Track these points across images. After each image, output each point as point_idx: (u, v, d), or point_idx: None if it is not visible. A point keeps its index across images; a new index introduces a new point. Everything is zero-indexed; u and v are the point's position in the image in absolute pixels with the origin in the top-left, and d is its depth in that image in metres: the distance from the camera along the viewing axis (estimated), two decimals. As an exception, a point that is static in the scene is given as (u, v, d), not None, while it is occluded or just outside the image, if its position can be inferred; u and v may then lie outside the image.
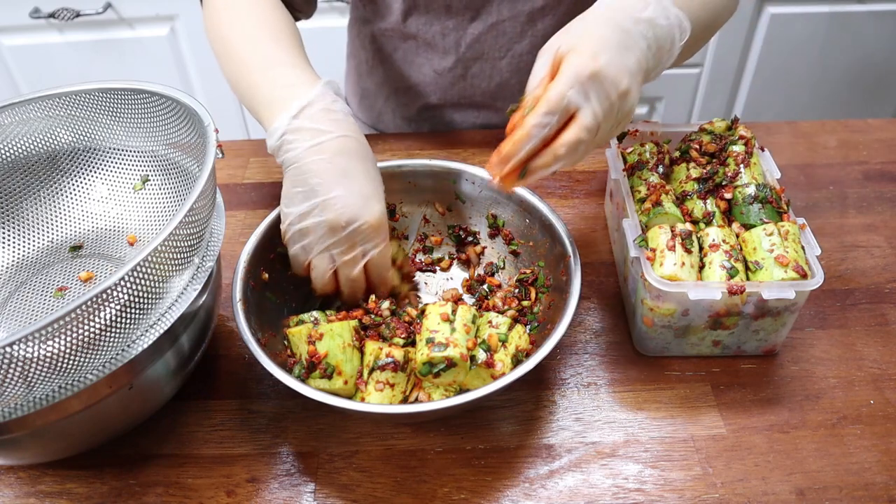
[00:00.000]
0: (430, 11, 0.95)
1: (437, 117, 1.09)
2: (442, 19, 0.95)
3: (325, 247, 0.68)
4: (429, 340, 0.63)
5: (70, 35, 1.67)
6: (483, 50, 0.98)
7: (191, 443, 0.68)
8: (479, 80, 1.02)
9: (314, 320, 0.69)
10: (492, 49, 0.98)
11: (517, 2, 0.93)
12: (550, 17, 0.95)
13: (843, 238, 0.87)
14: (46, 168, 0.79)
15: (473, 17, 0.95)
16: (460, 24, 0.95)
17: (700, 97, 1.84)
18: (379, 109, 1.12)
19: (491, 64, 1.00)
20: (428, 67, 1.02)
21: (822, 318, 0.78)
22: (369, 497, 0.64)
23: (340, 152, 0.66)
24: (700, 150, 0.80)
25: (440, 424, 0.69)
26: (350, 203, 0.65)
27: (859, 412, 0.69)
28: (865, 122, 1.05)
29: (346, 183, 0.66)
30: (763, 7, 1.67)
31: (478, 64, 1.00)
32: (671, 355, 0.74)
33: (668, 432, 0.68)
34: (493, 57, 0.99)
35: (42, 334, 0.48)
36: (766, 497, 0.63)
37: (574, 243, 0.70)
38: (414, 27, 0.98)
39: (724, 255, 0.68)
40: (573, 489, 0.64)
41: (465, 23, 0.95)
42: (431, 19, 0.95)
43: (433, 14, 0.95)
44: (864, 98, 1.87)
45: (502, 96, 1.04)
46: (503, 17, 0.95)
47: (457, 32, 0.96)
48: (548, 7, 0.94)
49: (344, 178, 0.66)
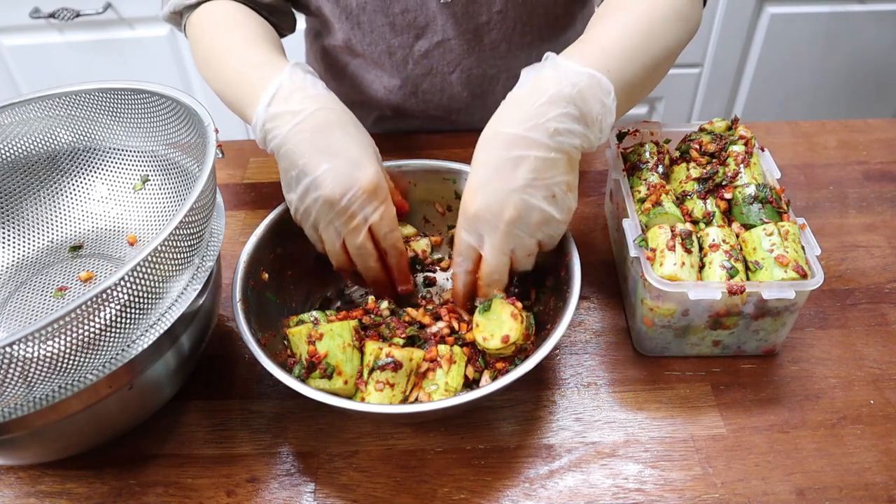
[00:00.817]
0: (374, 30, 0.94)
1: (390, 128, 1.09)
2: (387, 37, 0.94)
3: (328, 221, 0.68)
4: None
5: (70, 35, 1.67)
6: (432, 65, 0.97)
7: (191, 443, 0.68)
8: (431, 95, 1.01)
9: (314, 320, 0.69)
10: (440, 64, 0.97)
11: (461, 20, 0.92)
12: (497, 31, 0.94)
13: (843, 238, 0.87)
14: (46, 168, 0.79)
15: (419, 35, 0.94)
16: (406, 41, 0.94)
17: (700, 97, 1.84)
18: None
19: (441, 78, 0.99)
20: (378, 84, 1.02)
21: (822, 318, 0.78)
22: (369, 497, 0.64)
23: (319, 127, 0.66)
24: (700, 150, 0.80)
25: (440, 424, 0.69)
26: (340, 174, 0.65)
27: (859, 412, 0.69)
28: (865, 122, 1.05)
29: (332, 155, 0.66)
30: (763, 7, 1.67)
31: (428, 79, 0.99)
32: (671, 355, 0.74)
33: (668, 432, 0.68)
34: (443, 72, 0.98)
35: (42, 334, 0.48)
36: (766, 497, 0.63)
37: (574, 243, 0.70)
38: (360, 46, 0.97)
39: (724, 255, 0.68)
40: (573, 489, 0.64)
41: (411, 40, 0.94)
42: (377, 38, 0.95)
43: (377, 33, 0.94)
44: (864, 98, 1.87)
45: (455, 109, 1.03)
46: (448, 36, 0.93)
47: (403, 50, 0.95)
48: (493, 22, 0.93)
49: (328, 151, 0.66)
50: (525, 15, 0.93)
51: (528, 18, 0.94)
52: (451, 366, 0.66)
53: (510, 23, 0.94)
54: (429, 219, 0.83)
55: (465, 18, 0.92)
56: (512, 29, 0.94)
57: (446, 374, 0.65)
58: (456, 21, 0.92)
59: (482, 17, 0.92)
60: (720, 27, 1.69)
